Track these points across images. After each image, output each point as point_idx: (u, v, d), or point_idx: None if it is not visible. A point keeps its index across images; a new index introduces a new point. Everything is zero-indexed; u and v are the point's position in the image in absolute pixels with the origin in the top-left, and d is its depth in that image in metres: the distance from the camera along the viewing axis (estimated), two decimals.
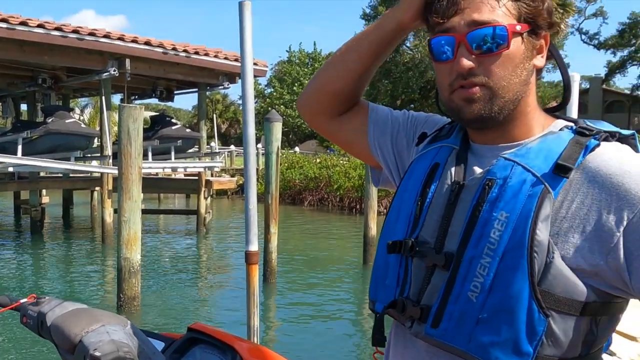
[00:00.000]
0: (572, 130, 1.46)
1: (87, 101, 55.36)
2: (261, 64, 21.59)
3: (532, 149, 1.45)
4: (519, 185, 1.38)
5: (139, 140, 10.51)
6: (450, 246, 1.46)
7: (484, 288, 1.36)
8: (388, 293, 1.61)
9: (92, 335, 1.98)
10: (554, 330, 1.34)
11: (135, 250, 10.37)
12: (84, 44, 16.98)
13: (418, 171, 1.66)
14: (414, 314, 1.50)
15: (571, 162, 1.37)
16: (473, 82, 1.45)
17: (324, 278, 14.91)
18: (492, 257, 1.36)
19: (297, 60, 67.46)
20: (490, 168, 1.46)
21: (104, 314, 2.18)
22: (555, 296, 1.33)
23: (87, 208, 28.07)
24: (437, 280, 1.47)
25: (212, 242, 21.09)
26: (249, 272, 5.81)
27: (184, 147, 21.97)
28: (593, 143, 1.40)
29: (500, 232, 1.36)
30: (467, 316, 1.38)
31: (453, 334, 1.41)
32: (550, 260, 1.33)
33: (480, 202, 1.42)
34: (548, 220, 1.33)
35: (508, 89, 1.45)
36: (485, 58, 1.44)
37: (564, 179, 1.36)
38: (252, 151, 5.60)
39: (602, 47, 55.95)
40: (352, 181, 31.22)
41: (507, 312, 1.34)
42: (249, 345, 2.96)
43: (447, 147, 1.64)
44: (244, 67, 5.44)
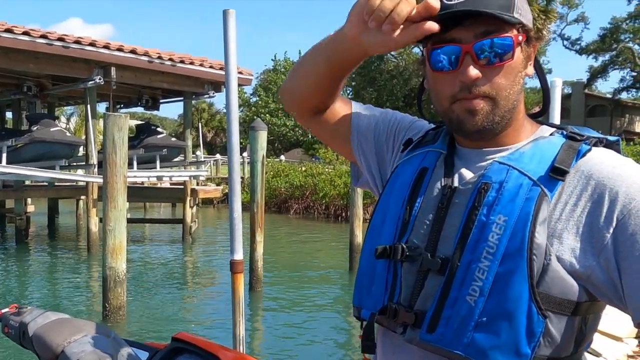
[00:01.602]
0: (563, 135, 1.50)
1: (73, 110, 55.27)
2: (246, 73, 21.59)
3: (525, 153, 1.47)
4: (516, 189, 1.40)
5: (124, 149, 10.48)
6: (444, 250, 1.46)
7: (483, 292, 1.37)
8: (376, 299, 1.59)
9: (75, 345, 1.97)
10: (550, 331, 1.36)
11: (121, 259, 10.31)
12: (70, 52, 16.92)
13: (404, 176, 1.66)
14: (407, 319, 1.49)
15: (566, 165, 1.40)
16: (477, 93, 1.44)
17: (310, 286, 14.89)
18: (491, 261, 1.37)
19: (282, 68, 67.53)
20: (485, 172, 1.47)
21: (86, 324, 2.17)
22: (552, 297, 1.35)
23: (72, 217, 27.96)
24: (432, 285, 1.46)
25: (198, 251, 21.02)
26: (234, 281, 5.80)
27: (170, 156, 21.91)
28: (585, 148, 1.43)
29: (499, 235, 1.37)
30: (466, 320, 1.39)
31: (451, 339, 1.41)
32: (547, 262, 1.34)
33: (476, 206, 1.43)
34: (545, 223, 1.36)
35: (508, 99, 1.47)
36: (490, 69, 1.44)
37: (559, 181, 1.39)
38: (236, 160, 5.58)
39: (583, 52, 56.42)
40: (338, 189, 31.23)
41: (507, 315, 1.35)
42: (233, 354, 2.95)
43: (434, 152, 1.65)
44: (228, 75, 5.43)
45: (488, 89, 1.44)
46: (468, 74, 1.42)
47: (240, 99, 69.97)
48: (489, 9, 1.38)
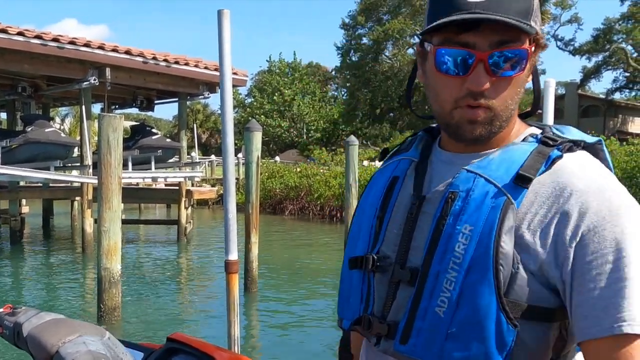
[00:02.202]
0: (537, 139, 1.45)
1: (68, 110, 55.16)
2: (241, 74, 21.58)
3: (493, 160, 1.43)
4: (482, 198, 1.37)
5: (119, 149, 10.46)
6: (414, 261, 1.44)
7: (451, 302, 1.35)
8: (353, 310, 1.59)
9: (69, 346, 1.96)
10: (523, 340, 1.33)
11: (116, 260, 10.30)
12: (65, 52, 16.91)
13: (377, 185, 1.65)
14: (380, 330, 1.48)
15: (532, 172, 1.36)
16: (482, 103, 1.39)
17: (305, 287, 14.91)
18: (457, 272, 1.34)
19: (277, 70, 67.62)
20: (453, 181, 1.44)
21: (81, 324, 2.16)
22: (522, 306, 1.32)
23: (67, 218, 27.95)
24: (403, 296, 1.45)
25: (193, 252, 21.02)
26: (229, 281, 5.79)
27: (165, 157, 21.88)
28: (555, 154, 1.39)
29: (465, 245, 1.34)
30: (436, 331, 1.37)
31: (423, 350, 1.39)
32: (515, 270, 1.32)
33: (443, 216, 1.40)
34: (512, 232, 1.33)
35: (508, 110, 1.42)
36: (499, 80, 1.38)
37: (524, 189, 1.35)
38: (231, 160, 5.58)
39: (577, 52, 56.52)
40: (333, 190, 31.27)
41: (476, 326, 1.33)
42: (229, 355, 2.94)
43: (406, 160, 1.63)
44: (222, 75, 5.42)
45: (494, 100, 1.39)
46: (479, 84, 1.36)
47: (235, 100, 69.92)
48: (509, 15, 1.33)
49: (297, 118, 65.86)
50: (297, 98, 65.32)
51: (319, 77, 75.69)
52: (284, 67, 67.77)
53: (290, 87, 65.57)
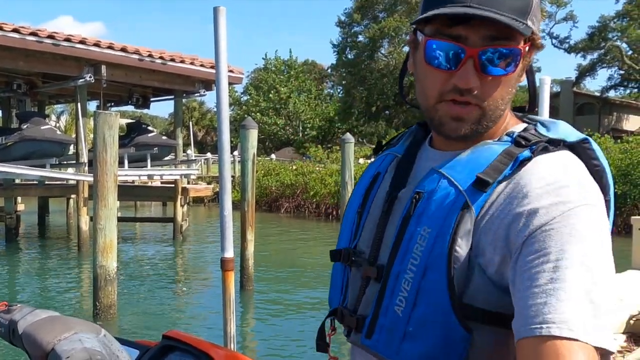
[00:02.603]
0: (512, 138, 1.40)
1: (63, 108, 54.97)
2: (237, 71, 21.56)
3: (461, 160, 1.40)
4: (442, 200, 1.35)
5: (115, 147, 10.45)
6: (383, 258, 1.45)
7: (409, 302, 1.35)
8: (334, 300, 1.63)
9: (65, 343, 1.95)
10: (481, 343, 1.31)
11: (111, 258, 10.29)
12: (60, 49, 16.88)
13: (363, 180, 1.66)
14: (350, 323, 1.51)
15: (493, 175, 1.32)
16: (469, 100, 1.35)
17: (301, 284, 14.92)
18: (414, 273, 1.34)
19: (273, 67, 67.57)
20: (420, 180, 1.43)
21: (77, 321, 2.15)
22: (477, 309, 1.31)
23: (63, 216, 27.90)
24: (371, 292, 1.46)
25: (189, 249, 21.01)
26: (225, 279, 5.79)
27: (160, 155, 21.87)
28: (523, 155, 1.33)
29: (422, 247, 1.34)
30: (395, 329, 1.38)
31: (384, 346, 1.40)
32: (471, 274, 1.30)
33: (407, 216, 1.40)
34: (469, 235, 1.30)
35: (498, 109, 1.38)
36: (489, 79, 1.33)
37: (482, 193, 1.31)
38: (226, 158, 5.58)
39: (572, 50, 56.50)
40: (328, 187, 31.28)
41: (430, 327, 1.32)
42: (225, 352, 2.94)
43: (391, 155, 1.63)
44: (218, 71, 5.42)
45: (481, 98, 1.35)
46: (467, 81, 1.32)
47: (231, 98, 69.91)
48: (503, 12, 1.28)
49: (293, 116, 65.87)
50: (293, 96, 65.32)
51: (314, 75, 75.67)
52: (279, 65, 67.75)
53: (286, 85, 65.57)
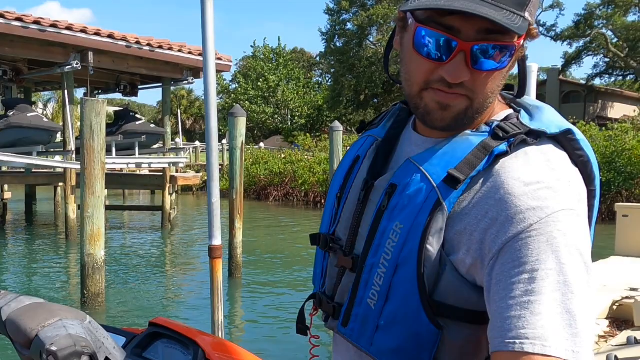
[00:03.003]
0: (490, 129, 1.33)
1: (51, 95, 54.83)
2: (225, 59, 21.49)
3: (437, 153, 1.35)
4: (415, 195, 1.31)
5: (102, 134, 10.38)
6: (359, 248, 1.42)
7: (381, 296, 1.34)
8: (317, 283, 1.62)
9: (49, 329, 1.92)
10: (450, 340, 1.30)
11: (99, 246, 10.26)
12: (46, 35, 16.74)
13: (345, 162, 1.62)
14: (328, 310, 1.51)
15: (466, 171, 1.27)
16: (457, 91, 1.28)
17: (289, 272, 14.94)
18: (387, 268, 1.32)
19: (261, 55, 67.32)
20: (396, 172, 1.39)
21: (61, 308, 2.12)
22: (448, 307, 1.29)
23: (50, 204, 27.84)
24: (347, 282, 1.45)
25: (177, 238, 20.98)
26: (213, 267, 5.77)
27: (149, 143, 21.79)
28: (499, 150, 1.28)
29: (394, 243, 1.31)
30: (368, 321, 1.37)
31: (358, 335, 1.40)
32: (442, 272, 1.28)
33: (382, 209, 1.37)
34: (441, 233, 1.27)
35: (486, 101, 1.32)
36: (479, 74, 1.27)
37: (454, 190, 1.27)
38: (214, 145, 5.54)
39: (559, 38, 56.85)
40: (317, 176, 31.34)
41: (401, 322, 1.31)
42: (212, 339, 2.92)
43: (371, 138, 1.58)
44: (206, 57, 5.37)
45: (470, 91, 1.29)
46: (457, 75, 1.25)
47: (220, 86, 69.82)
48: (502, 3, 1.22)
49: (282, 104, 65.74)
50: (281, 84, 65.17)
51: (303, 63, 75.58)
52: (268, 53, 67.54)
53: (274, 73, 65.38)
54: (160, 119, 25.23)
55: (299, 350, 8.35)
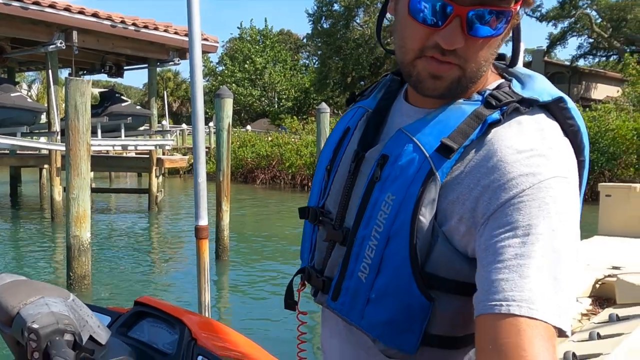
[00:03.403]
0: (483, 98, 1.32)
1: (35, 76, 54.58)
2: (212, 40, 21.40)
3: (429, 122, 1.34)
4: (407, 165, 1.30)
5: (87, 115, 10.28)
6: (349, 221, 1.41)
7: (372, 269, 1.33)
8: (305, 257, 1.61)
9: (30, 307, 1.89)
10: (441, 311, 1.30)
11: (85, 228, 10.20)
12: (29, 13, 16.49)
13: (333, 134, 1.60)
14: (317, 284, 1.51)
15: (459, 140, 1.26)
16: (450, 60, 1.26)
17: (277, 254, 15.00)
18: (378, 240, 1.31)
19: (248, 37, 67.17)
20: (388, 142, 1.37)
21: (44, 286, 2.09)
22: (440, 278, 1.28)
23: (36, 186, 27.78)
24: (337, 255, 1.44)
25: (164, 220, 20.98)
26: (199, 247, 5.76)
27: (135, 125, 21.72)
28: (492, 118, 1.27)
29: (386, 215, 1.30)
30: (359, 294, 1.36)
31: (349, 309, 1.39)
32: (434, 244, 1.27)
33: (373, 180, 1.35)
34: (433, 204, 1.26)
35: (479, 70, 1.30)
36: (475, 41, 1.25)
37: (447, 160, 1.26)
38: (200, 125, 5.50)
39: (544, 19, 57.35)
40: (304, 159, 31.41)
41: (392, 294, 1.31)
42: (199, 318, 2.90)
43: (362, 109, 1.55)
44: (191, 34, 5.32)
45: (464, 59, 1.27)
46: (452, 41, 1.23)
47: (207, 68, 69.74)
48: None
49: (269, 87, 65.68)
50: (268, 66, 65.11)
51: (290, 45, 75.46)
52: (255, 35, 67.40)
53: (261, 55, 65.30)
54: (146, 101, 25.10)
55: (286, 330, 8.37)
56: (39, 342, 1.78)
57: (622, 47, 53.45)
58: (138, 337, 2.67)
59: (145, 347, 2.61)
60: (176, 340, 2.54)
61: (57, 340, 1.80)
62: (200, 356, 2.49)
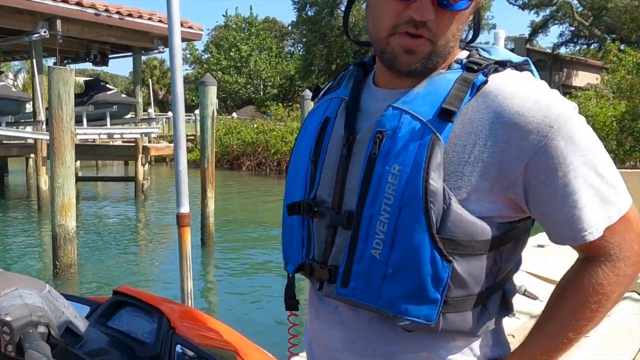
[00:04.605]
0: (462, 65, 1.41)
1: (21, 65, 54.17)
2: (196, 27, 21.34)
3: (419, 94, 1.39)
4: (409, 135, 1.34)
5: (71, 103, 10.24)
6: (349, 204, 1.44)
7: (386, 244, 1.35)
8: (296, 254, 1.60)
9: (4, 299, 1.90)
10: (459, 273, 1.34)
11: (70, 217, 10.18)
12: (11, 2, 16.30)
13: (310, 127, 1.62)
14: (322, 275, 1.50)
15: (456, 104, 1.33)
16: (422, 33, 1.34)
17: (262, 241, 15.00)
18: (389, 213, 1.34)
19: (233, 25, 66.89)
20: (380, 119, 1.41)
21: (19, 277, 2.10)
22: (457, 241, 1.33)
23: (22, 176, 27.62)
24: (341, 240, 1.45)
25: (150, 208, 20.95)
26: (181, 235, 5.74)
27: (120, 113, 21.65)
28: (480, 80, 1.36)
29: (395, 186, 1.34)
30: (374, 273, 1.38)
31: (363, 292, 1.41)
32: (447, 206, 1.32)
33: (372, 157, 1.39)
34: (440, 168, 1.31)
35: (448, 45, 1.39)
36: (444, 14, 1.33)
37: (449, 123, 1.32)
38: (181, 112, 5.49)
39: (526, 7, 57.32)
40: (289, 145, 31.37)
41: (411, 265, 1.34)
42: (178, 307, 2.92)
43: (337, 98, 1.59)
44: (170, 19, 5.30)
45: (434, 33, 1.35)
46: (423, 13, 1.31)
47: (192, 56, 69.43)
48: None
49: (254, 74, 65.45)
50: (253, 54, 64.88)
51: (275, 33, 75.21)
52: (240, 23, 67.14)
53: (247, 43, 65.06)
54: (132, 89, 25.00)
55: (270, 319, 8.40)
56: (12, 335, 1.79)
57: (603, 35, 53.61)
58: (117, 327, 2.69)
59: (124, 336, 2.63)
60: (154, 329, 2.56)
61: (30, 333, 1.82)
62: (178, 345, 2.52)
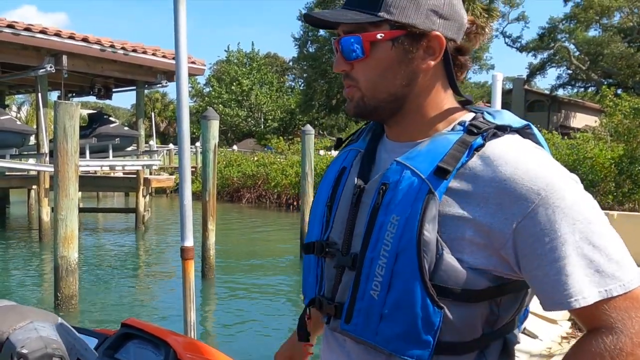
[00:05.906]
0: (464, 127, 1.52)
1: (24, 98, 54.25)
2: (199, 63, 21.45)
3: (421, 151, 1.52)
4: (407, 189, 1.47)
5: (76, 137, 10.36)
6: (355, 247, 1.57)
7: (383, 286, 1.47)
8: (312, 290, 1.75)
9: (20, 332, 1.98)
10: (451, 320, 1.45)
11: (73, 248, 10.23)
12: (20, 39, 16.50)
13: (329, 175, 1.79)
14: (329, 311, 1.64)
15: (452, 163, 1.44)
16: (348, 83, 1.59)
17: (262, 274, 14.99)
18: (387, 258, 1.46)
19: (235, 60, 67.25)
20: (385, 172, 1.55)
21: (32, 310, 2.17)
22: (448, 289, 1.43)
23: (24, 207, 27.60)
24: (347, 280, 1.59)
25: (151, 239, 20.94)
26: (185, 268, 5.79)
27: (122, 145, 21.70)
28: (477, 143, 1.46)
29: (393, 234, 1.46)
30: (372, 312, 1.50)
31: (362, 329, 1.53)
32: (439, 255, 1.42)
33: (376, 206, 1.52)
34: (435, 220, 1.42)
35: (378, 91, 1.55)
36: (354, 63, 1.56)
37: (444, 180, 1.43)
38: (186, 144, 5.57)
39: (524, 49, 57.89)
40: (289, 178, 31.37)
41: (405, 308, 1.45)
42: (183, 339, 2.99)
43: (354, 150, 1.76)
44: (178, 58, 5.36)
45: (355, 80, 1.57)
46: (335, 67, 1.60)
47: (194, 89, 69.70)
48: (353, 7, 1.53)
49: (255, 108, 65.66)
50: (255, 88, 65.12)
51: (276, 68, 75.55)
52: (242, 57, 67.47)
53: (248, 77, 65.33)
54: (134, 121, 25.10)
55: (270, 349, 8.41)
56: None
57: (600, 79, 53.83)
58: (124, 359, 2.77)
59: None
60: None
61: None
62: None
